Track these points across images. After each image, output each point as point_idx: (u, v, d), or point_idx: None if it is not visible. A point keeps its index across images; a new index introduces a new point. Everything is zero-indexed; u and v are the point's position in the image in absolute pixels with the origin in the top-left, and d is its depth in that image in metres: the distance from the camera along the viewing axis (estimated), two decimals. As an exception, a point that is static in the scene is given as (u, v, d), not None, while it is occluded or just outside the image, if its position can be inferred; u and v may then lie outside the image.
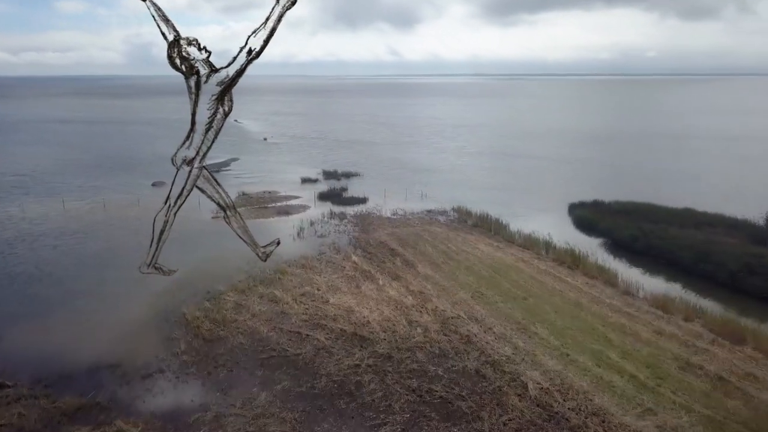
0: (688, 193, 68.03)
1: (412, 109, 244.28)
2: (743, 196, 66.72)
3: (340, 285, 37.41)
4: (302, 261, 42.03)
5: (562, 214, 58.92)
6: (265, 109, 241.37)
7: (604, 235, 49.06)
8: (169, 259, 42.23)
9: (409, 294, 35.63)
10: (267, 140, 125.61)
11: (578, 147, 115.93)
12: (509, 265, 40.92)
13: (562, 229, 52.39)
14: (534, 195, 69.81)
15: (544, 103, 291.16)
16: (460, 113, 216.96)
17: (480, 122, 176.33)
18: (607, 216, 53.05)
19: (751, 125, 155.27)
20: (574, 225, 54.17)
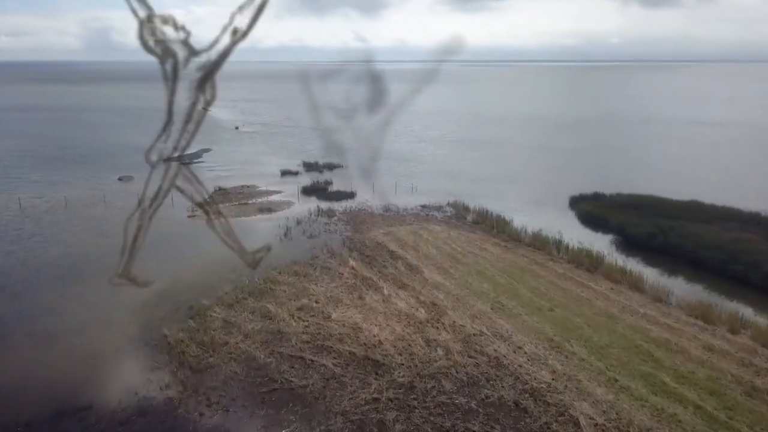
0: (681, 183, 65.89)
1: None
2: (738, 186, 64.69)
3: (340, 296, 33.28)
4: (294, 267, 37.70)
5: (563, 207, 55.70)
6: (234, 95, 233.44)
7: (615, 232, 45.92)
8: (144, 267, 37.09)
9: (421, 306, 31.73)
10: (239, 129, 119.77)
11: (556, 134, 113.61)
12: (524, 269, 37.34)
13: (568, 225, 49.14)
14: (526, 186, 66.49)
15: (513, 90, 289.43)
16: (433, 100, 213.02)
17: (455, 109, 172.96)
18: (613, 210, 49.92)
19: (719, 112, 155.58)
20: (580, 220, 50.97)
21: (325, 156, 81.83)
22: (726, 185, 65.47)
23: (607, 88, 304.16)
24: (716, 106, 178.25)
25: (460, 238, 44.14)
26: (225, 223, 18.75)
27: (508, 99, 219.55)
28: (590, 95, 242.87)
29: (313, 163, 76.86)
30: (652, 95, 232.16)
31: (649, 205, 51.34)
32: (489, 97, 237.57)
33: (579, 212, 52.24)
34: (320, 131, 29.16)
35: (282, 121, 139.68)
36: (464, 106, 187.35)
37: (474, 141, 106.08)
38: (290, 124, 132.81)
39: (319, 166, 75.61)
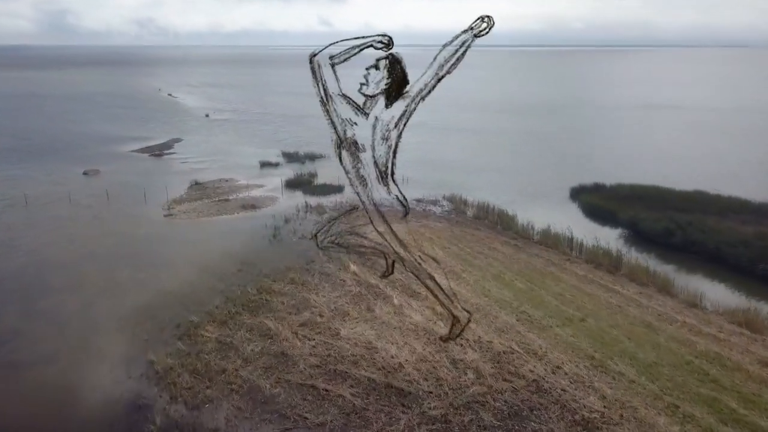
0: (672, 171, 64.02)
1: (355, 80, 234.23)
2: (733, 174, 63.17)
3: (346, 308, 29.80)
4: (289, 274, 34.04)
5: (564, 199, 53.16)
6: (199, 80, 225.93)
7: (625, 227, 43.43)
8: (118, 276, 33.15)
9: (439, 318, 28.47)
10: (209, 117, 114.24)
11: (531, 120, 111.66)
12: (542, 272, 34.44)
13: (574, 219, 46.54)
14: (516, 176, 63.78)
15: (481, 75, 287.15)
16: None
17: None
18: (618, 203, 47.47)
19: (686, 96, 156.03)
20: (585, 214, 48.42)
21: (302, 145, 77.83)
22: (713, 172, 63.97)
23: (575, 72, 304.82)
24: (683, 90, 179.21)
25: (465, 236, 41.02)
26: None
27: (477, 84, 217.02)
28: (558, 80, 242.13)
29: (294, 154, 72.73)
30: (620, 80, 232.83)
31: (653, 197, 49.11)
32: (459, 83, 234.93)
33: (583, 205, 49.70)
34: (333, 124, 25.33)
35: (253, 108, 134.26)
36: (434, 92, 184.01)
37: (451, 128, 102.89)
38: (262, 111, 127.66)
39: (300, 157, 71.54)
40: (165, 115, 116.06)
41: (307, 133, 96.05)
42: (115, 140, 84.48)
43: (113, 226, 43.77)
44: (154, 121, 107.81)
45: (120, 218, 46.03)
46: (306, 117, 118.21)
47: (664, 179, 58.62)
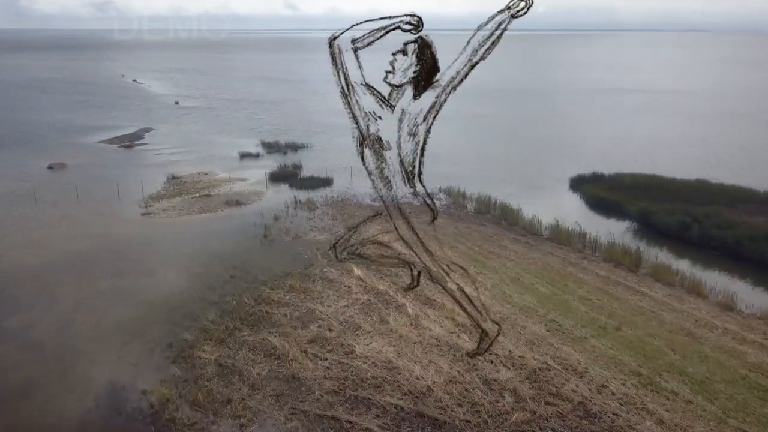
0: (661, 157, 62.86)
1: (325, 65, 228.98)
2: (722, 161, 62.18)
3: (357, 320, 26.98)
4: (288, 280, 31.00)
5: (564, 190, 51.13)
6: (164, 66, 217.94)
7: (636, 220, 41.48)
8: (96, 286, 29.66)
9: (461, 330, 25.91)
10: (179, 104, 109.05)
11: (508, 105, 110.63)
12: (561, 273, 32.15)
13: (580, 212, 44.64)
14: (506, 165, 61.50)
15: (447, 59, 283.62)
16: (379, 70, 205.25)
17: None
18: (623, 194, 45.59)
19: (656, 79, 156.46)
20: (589, 206, 46.42)
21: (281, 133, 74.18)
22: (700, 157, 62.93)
23: (539, 57, 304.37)
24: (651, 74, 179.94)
25: (471, 233, 38.51)
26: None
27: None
28: (524, 65, 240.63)
29: (274, 144, 69.05)
30: (586, 64, 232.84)
31: (656, 187, 47.39)
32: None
33: (586, 196, 47.64)
34: (355, 119, 22.56)
35: (223, 94, 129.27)
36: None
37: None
38: (232, 98, 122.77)
39: (280, 147, 67.97)
40: (132, 103, 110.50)
41: (282, 121, 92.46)
42: (80, 130, 79.39)
43: (86, 227, 39.91)
44: (120, 109, 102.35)
45: (92, 218, 42.14)
46: (279, 103, 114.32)
47: (655, 166, 57.27)
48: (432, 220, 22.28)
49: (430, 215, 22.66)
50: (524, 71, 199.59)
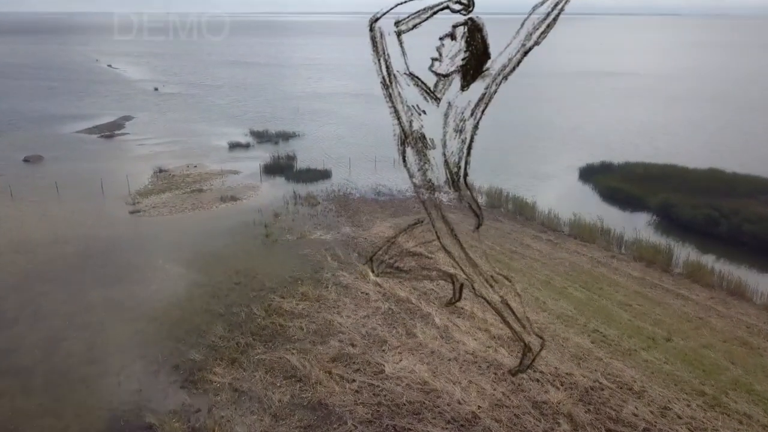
0: (661, 144, 61.44)
1: (304, 49, 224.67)
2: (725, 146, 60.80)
3: (381, 332, 24.53)
4: (299, 288, 28.38)
5: (574, 181, 49.04)
6: (138, 50, 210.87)
7: (657, 214, 39.54)
8: (87, 297, 26.76)
9: (497, 343, 23.64)
10: (158, 90, 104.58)
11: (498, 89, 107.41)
12: (592, 274, 30.02)
13: (596, 205, 42.60)
14: (507, 155, 58.92)
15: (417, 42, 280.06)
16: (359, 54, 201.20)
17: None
18: (639, 185, 43.66)
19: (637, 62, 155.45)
20: (604, 198, 44.31)
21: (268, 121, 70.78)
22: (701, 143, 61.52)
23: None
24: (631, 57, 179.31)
25: (488, 230, 36.11)
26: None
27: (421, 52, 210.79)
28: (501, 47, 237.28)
29: (263, 133, 65.77)
30: (566, 47, 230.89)
31: (669, 177, 45.61)
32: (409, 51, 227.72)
33: (600, 188, 45.56)
34: (396, 114, 20.04)
35: (203, 80, 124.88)
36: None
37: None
38: (213, 83, 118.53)
39: (270, 136, 64.75)
40: (108, 90, 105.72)
41: (267, 107, 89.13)
42: (56, 119, 75.11)
43: (70, 228, 36.68)
44: (96, 97, 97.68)
45: (76, 217, 38.87)
46: (261, 89, 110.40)
47: (659, 154, 55.77)
48: (477, 227, 19.87)
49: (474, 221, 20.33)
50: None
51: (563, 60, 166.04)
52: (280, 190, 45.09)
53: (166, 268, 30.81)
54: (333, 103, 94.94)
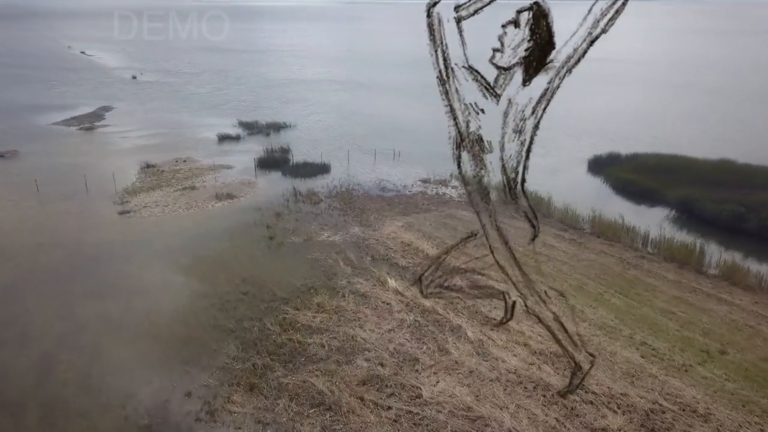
0: (660, 133, 60.06)
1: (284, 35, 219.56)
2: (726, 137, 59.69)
3: (410, 348, 22.41)
4: (314, 298, 26.08)
5: (582, 174, 47.27)
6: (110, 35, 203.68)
7: (677, 209, 37.91)
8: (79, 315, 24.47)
9: (539, 358, 21.67)
10: (137, 79, 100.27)
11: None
12: (624, 277, 28.20)
13: (611, 199, 40.98)
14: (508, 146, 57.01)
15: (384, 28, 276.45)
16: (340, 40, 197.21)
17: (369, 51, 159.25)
18: (654, 177, 42.03)
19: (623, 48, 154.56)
20: (618, 191, 42.57)
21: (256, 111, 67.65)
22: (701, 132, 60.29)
23: (492, 24, 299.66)
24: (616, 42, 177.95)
25: (508, 229, 34.02)
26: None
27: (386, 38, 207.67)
28: (476, 32, 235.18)
29: (253, 124, 62.74)
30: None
31: (682, 169, 43.97)
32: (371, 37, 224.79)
33: (611, 180, 43.82)
34: (453, 113, 17.67)
35: (181, 67, 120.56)
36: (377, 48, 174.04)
37: (375, 85, 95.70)
38: (192, 71, 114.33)
39: (260, 127, 61.76)
40: (83, 78, 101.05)
41: (250, 96, 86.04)
42: (29, 110, 70.94)
43: (55, 232, 33.74)
44: (70, 85, 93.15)
45: (61, 219, 35.88)
46: (243, 77, 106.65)
47: (657, 143, 54.39)
48: (532, 239, 17.85)
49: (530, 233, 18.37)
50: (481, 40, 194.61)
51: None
52: (278, 186, 42.49)
53: (164, 276, 28.22)
54: (319, 91, 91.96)
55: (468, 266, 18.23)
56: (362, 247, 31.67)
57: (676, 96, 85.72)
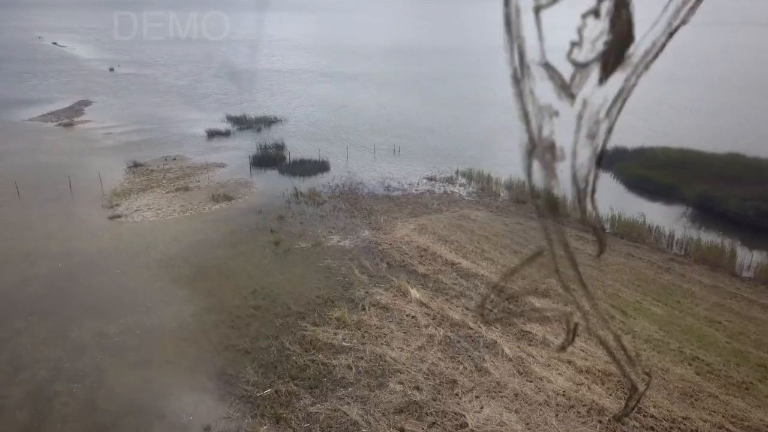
0: (656, 126, 58.90)
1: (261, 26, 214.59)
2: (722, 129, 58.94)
3: (445, 368, 20.58)
4: (332, 312, 24.07)
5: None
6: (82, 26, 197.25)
7: (695, 206, 36.62)
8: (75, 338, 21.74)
9: (586, 376, 20.01)
10: (114, 71, 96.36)
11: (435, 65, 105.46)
12: (659, 282, 26.71)
13: (624, 196, 39.54)
14: (490, 137, 55.27)
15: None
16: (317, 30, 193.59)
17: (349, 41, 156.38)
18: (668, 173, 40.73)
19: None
20: (629, 188, 41.21)
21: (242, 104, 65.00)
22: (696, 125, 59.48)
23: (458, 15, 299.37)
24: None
25: (526, 230, 32.48)
26: None
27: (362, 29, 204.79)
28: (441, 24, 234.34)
29: (242, 118, 60.09)
30: (473, 22, 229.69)
31: (693, 163, 42.81)
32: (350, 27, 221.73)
33: (622, 176, 42.41)
34: (526, 117, 15.57)
35: (158, 58, 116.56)
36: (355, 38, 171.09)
37: (359, 76, 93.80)
38: (169, 62, 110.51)
39: (250, 122, 59.18)
40: (57, 71, 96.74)
41: (232, 88, 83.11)
42: (3, 105, 67.18)
43: (41, 240, 31.13)
44: (44, 78, 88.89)
45: (46, 225, 33.23)
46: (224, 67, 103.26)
47: (656, 135, 53.41)
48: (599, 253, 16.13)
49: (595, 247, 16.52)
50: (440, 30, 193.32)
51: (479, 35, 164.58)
52: (276, 185, 40.25)
53: (165, 289, 25.95)
54: (303, 82, 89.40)
55: (529, 287, 16.42)
56: (376, 253, 29.69)
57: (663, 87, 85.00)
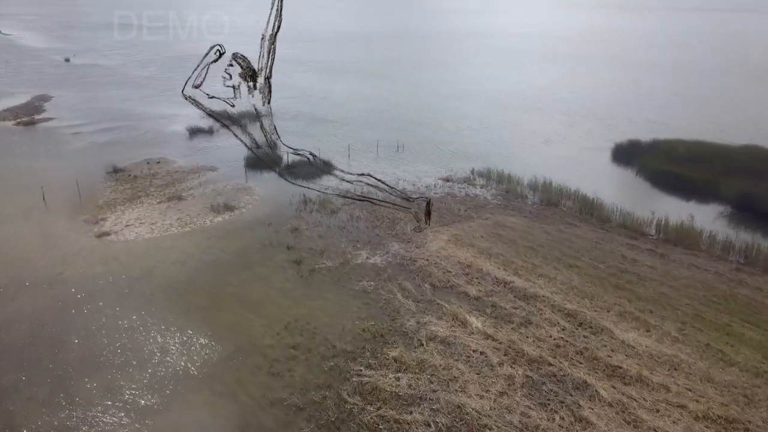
0: (655, 116, 57.33)
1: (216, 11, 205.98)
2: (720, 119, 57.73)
3: (538, 419, 17.46)
4: (385, 349, 20.61)
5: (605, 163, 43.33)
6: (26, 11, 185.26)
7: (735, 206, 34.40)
8: (77, 396, 17.86)
9: (707, 425, 17.15)
10: (71, 61, 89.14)
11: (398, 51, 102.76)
12: (738, 300, 24.17)
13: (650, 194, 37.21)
14: (493, 131, 52.52)
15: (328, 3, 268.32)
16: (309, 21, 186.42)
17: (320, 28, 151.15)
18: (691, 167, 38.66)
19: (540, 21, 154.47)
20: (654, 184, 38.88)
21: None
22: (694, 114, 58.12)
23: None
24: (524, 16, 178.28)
25: (571, 239, 29.49)
26: None
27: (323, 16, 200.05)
28: (395, 8, 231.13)
29: (223, 113, 55.11)
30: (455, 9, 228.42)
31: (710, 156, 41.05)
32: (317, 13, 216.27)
33: (646, 172, 40.01)
34: None
35: (118, 47, 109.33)
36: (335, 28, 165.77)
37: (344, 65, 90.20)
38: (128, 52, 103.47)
39: (233, 117, 54.26)
40: (6, 61, 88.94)
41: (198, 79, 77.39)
42: (-53, 101, 60.40)
43: (18, 266, 26.48)
44: None
45: (21, 247, 28.48)
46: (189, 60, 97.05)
47: (656, 127, 51.73)
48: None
49: None
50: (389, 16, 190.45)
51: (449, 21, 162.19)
52: (279, 191, 36.23)
53: (179, 326, 21.92)
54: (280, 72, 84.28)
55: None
56: (414, 271, 26.23)
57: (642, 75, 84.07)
